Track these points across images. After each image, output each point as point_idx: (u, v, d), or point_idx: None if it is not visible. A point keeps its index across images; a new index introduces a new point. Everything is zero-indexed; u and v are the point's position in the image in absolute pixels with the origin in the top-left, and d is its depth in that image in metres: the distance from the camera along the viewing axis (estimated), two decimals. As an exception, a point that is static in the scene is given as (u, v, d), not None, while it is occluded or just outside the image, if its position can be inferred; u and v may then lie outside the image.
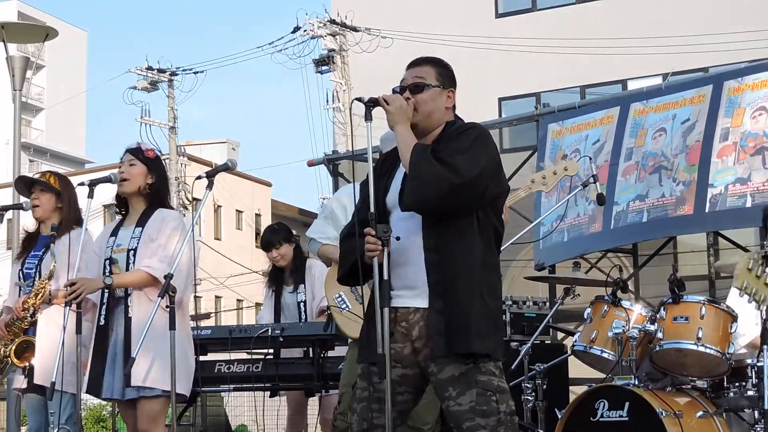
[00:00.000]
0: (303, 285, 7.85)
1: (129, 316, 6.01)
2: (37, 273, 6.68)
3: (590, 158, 8.50)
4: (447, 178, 4.38)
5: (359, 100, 4.59)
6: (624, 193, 9.11)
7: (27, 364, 6.52)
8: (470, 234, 4.50)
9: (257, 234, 42.58)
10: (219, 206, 40.45)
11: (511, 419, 4.46)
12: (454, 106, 4.75)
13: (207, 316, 33.62)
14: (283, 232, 7.96)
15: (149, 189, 6.20)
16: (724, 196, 8.29)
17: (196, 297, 32.87)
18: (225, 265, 34.95)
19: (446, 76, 4.73)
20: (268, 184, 44.28)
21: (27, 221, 7.17)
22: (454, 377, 4.43)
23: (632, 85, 19.68)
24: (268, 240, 7.95)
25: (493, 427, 4.39)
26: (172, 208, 6.33)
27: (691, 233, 9.93)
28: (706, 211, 8.39)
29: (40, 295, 6.56)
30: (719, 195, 8.33)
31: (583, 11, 22.93)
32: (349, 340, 6.20)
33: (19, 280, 6.76)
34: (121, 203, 6.29)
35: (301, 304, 7.80)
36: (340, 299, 6.11)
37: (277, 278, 7.98)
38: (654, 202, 8.84)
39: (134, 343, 5.85)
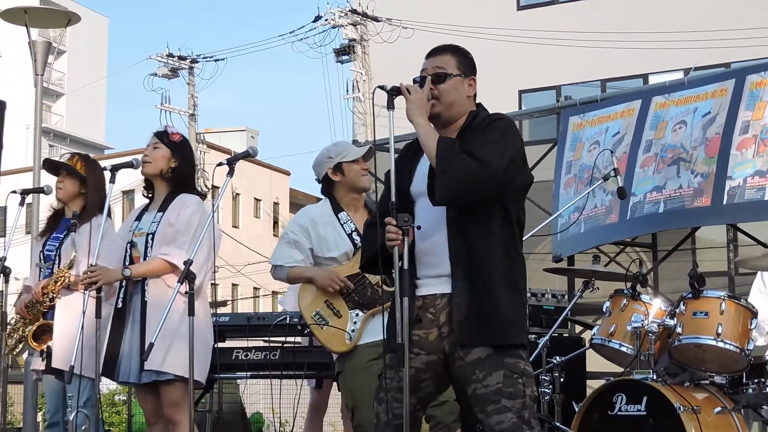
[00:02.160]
0: None
1: (145, 300, 6.04)
2: (57, 257, 6.68)
3: (611, 152, 8.48)
4: (477, 172, 4.38)
5: (382, 88, 4.58)
6: (641, 185, 9.06)
7: (45, 347, 6.54)
8: (496, 224, 4.52)
9: (275, 222, 42.69)
10: (237, 194, 40.54)
11: (533, 405, 4.47)
12: (475, 95, 4.74)
13: (224, 303, 33.71)
14: None
15: (172, 173, 6.21)
16: (743, 188, 8.24)
17: (213, 284, 33.01)
18: (242, 253, 35.01)
19: (467, 65, 4.72)
20: (287, 173, 44.36)
21: (50, 201, 7.16)
22: (481, 359, 4.44)
23: (653, 80, 19.59)
24: None
25: (519, 410, 4.40)
26: (197, 192, 6.31)
27: (708, 225, 9.87)
28: (724, 203, 8.34)
29: (60, 282, 6.56)
30: (737, 187, 8.27)
31: (605, 5, 22.85)
32: (335, 356, 6.15)
33: (40, 260, 6.76)
34: (150, 186, 6.30)
35: None
36: (318, 316, 6.02)
37: None
38: (671, 193, 8.79)
39: (149, 328, 5.91)
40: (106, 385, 17.99)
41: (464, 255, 4.49)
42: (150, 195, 6.32)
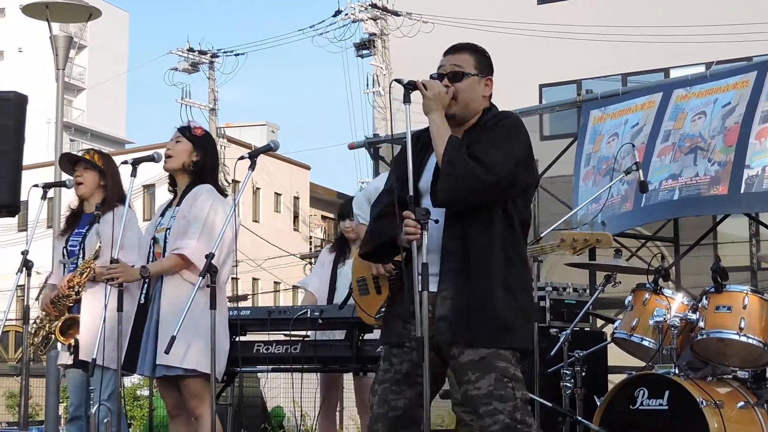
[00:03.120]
0: None
1: (160, 294, 6.07)
2: (81, 251, 6.71)
3: (633, 145, 8.45)
4: (481, 176, 4.36)
5: (399, 81, 4.55)
6: (658, 173, 9.02)
7: (72, 340, 6.56)
8: (497, 226, 4.49)
9: (295, 217, 42.74)
10: (258, 188, 40.58)
11: (525, 406, 4.47)
12: (491, 95, 4.71)
13: (244, 297, 33.76)
14: None
15: (193, 166, 6.21)
16: (761, 177, 8.19)
17: (234, 279, 33.07)
18: (263, 247, 35.06)
19: (484, 64, 4.68)
20: (307, 168, 44.37)
21: (69, 199, 7.20)
22: (474, 361, 4.43)
23: (674, 74, 19.52)
24: (348, 210, 7.85)
25: (510, 412, 4.41)
26: (219, 185, 6.31)
27: (724, 213, 9.82)
28: (741, 191, 8.29)
29: (86, 274, 6.58)
30: (755, 176, 8.22)
31: (625, -1, 22.81)
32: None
33: (63, 257, 6.79)
34: (173, 181, 6.32)
35: None
36: (362, 282, 6.13)
37: (342, 247, 7.90)
38: (687, 180, 8.74)
39: (163, 322, 5.95)
40: (129, 378, 18.04)
41: (458, 254, 4.47)
42: (174, 190, 6.34)
